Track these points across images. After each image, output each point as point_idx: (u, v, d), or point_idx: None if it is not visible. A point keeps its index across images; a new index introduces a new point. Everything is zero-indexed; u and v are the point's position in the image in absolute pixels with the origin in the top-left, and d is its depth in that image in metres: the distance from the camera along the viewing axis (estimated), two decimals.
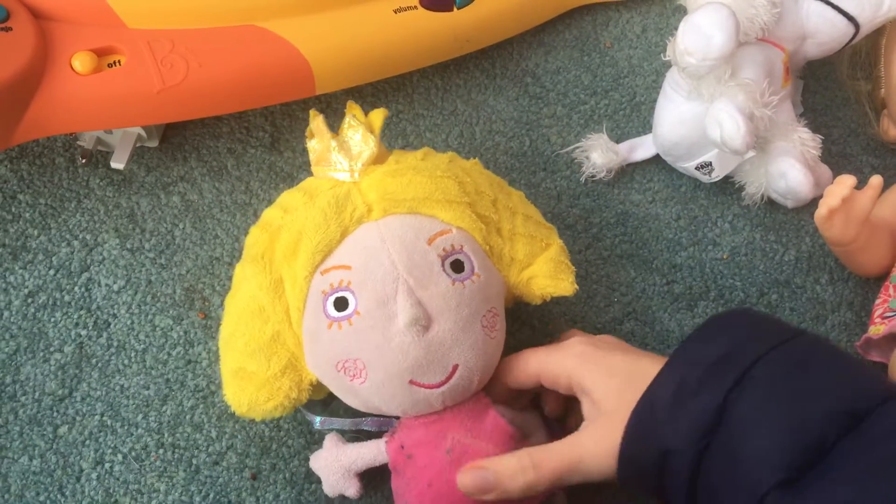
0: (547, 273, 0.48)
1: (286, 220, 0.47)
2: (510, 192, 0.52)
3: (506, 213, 0.49)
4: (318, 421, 0.48)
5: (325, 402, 0.49)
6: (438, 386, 0.43)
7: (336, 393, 0.46)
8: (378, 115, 0.50)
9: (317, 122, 0.49)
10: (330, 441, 0.47)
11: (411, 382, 0.43)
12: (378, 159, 0.48)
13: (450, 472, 0.43)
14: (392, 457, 0.45)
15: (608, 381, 0.42)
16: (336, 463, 0.46)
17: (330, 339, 0.44)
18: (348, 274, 0.44)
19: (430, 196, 0.46)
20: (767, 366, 0.37)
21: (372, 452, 0.46)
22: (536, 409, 0.49)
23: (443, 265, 0.45)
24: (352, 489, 0.47)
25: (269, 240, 0.47)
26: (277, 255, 0.46)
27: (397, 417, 0.46)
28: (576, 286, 0.49)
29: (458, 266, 0.45)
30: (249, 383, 0.45)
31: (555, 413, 0.49)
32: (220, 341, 0.48)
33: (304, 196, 0.47)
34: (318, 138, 0.49)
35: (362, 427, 0.47)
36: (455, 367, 0.44)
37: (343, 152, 0.47)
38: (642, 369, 0.41)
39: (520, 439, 0.46)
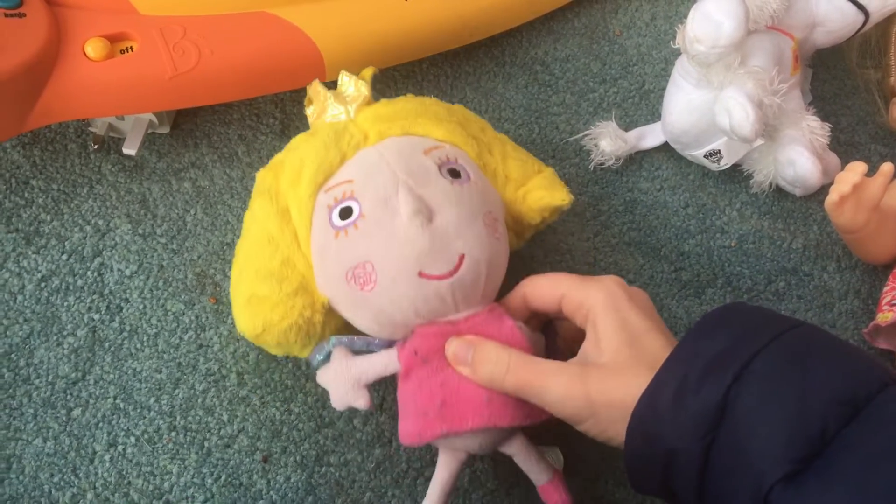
0: (543, 186, 0.50)
1: (288, 155, 0.49)
2: (497, 133, 0.54)
3: (495, 140, 0.52)
4: (332, 341, 0.47)
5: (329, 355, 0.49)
6: (447, 276, 0.44)
7: (346, 313, 0.47)
8: (368, 71, 0.52)
9: (314, 84, 0.51)
10: (339, 353, 0.47)
11: (420, 275, 0.44)
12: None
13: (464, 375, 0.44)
14: (405, 362, 0.45)
15: (617, 333, 0.42)
16: (346, 373, 0.46)
17: (338, 249, 0.45)
18: (350, 186, 0.46)
19: (422, 115, 0.49)
20: (766, 359, 0.37)
21: (383, 361, 0.46)
22: (542, 336, 0.49)
23: (440, 170, 0.46)
24: (361, 400, 0.46)
25: (273, 175, 0.49)
26: (282, 185, 0.48)
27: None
28: (571, 197, 0.50)
29: (454, 173, 0.47)
30: (262, 306, 0.46)
31: (568, 345, 0.48)
32: (231, 281, 0.49)
33: (305, 135, 0.50)
34: (313, 97, 0.51)
35: (372, 348, 0.47)
36: (462, 258, 0.44)
37: (339, 101, 0.50)
38: (649, 341, 0.41)
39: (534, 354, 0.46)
